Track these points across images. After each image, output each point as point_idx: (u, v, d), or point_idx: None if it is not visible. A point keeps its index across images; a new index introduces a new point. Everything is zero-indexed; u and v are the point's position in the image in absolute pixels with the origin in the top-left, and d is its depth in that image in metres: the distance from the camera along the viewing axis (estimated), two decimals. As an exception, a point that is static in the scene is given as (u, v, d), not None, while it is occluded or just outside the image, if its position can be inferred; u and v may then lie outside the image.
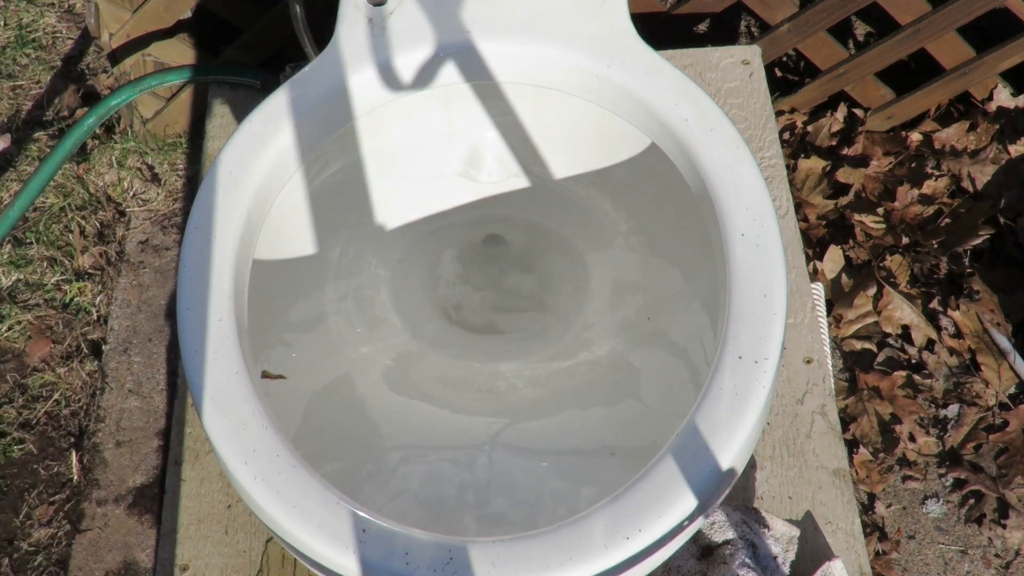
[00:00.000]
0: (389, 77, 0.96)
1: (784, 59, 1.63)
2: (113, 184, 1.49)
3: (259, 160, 0.90)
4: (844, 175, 1.48)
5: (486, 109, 1.06)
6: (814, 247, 1.43)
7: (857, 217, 1.44)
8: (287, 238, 1.04)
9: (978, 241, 1.39)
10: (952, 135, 1.50)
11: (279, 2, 1.40)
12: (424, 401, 1.10)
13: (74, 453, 1.27)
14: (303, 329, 1.09)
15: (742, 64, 1.40)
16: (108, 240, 1.45)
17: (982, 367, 1.34)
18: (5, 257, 1.44)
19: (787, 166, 1.40)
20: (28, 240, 1.45)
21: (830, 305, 1.39)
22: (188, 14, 1.42)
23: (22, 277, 1.42)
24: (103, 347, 1.32)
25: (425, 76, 0.97)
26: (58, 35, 1.69)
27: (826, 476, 1.08)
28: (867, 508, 1.26)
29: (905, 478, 1.28)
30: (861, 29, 1.65)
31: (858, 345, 1.37)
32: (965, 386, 1.34)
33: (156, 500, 1.18)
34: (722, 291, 0.82)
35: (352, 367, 1.10)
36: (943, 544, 1.24)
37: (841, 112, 1.53)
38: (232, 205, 0.87)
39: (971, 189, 1.46)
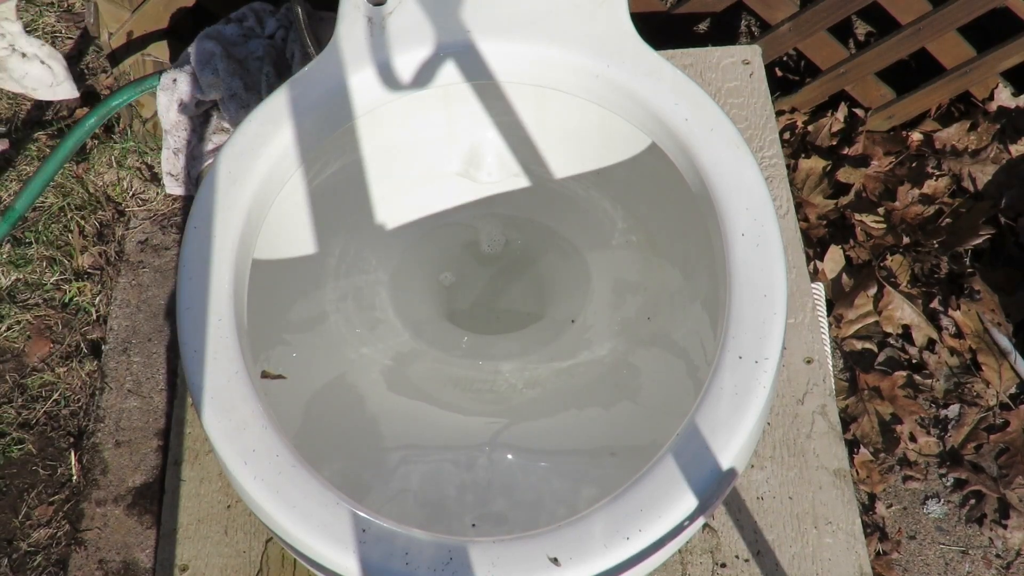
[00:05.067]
0: (389, 77, 0.96)
1: (784, 59, 1.62)
2: (113, 184, 1.49)
3: (259, 160, 0.90)
4: (844, 175, 1.48)
5: (486, 109, 1.06)
6: (814, 247, 1.43)
7: (858, 217, 1.43)
8: (287, 238, 1.04)
9: (979, 241, 1.39)
10: (953, 135, 1.50)
11: (280, 2, 1.40)
12: (424, 401, 1.10)
13: (73, 453, 1.27)
14: (303, 329, 1.09)
15: (742, 64, 1.40)
16: (107, 240, 1.45)
17: (983, 367, 1.34)
18: (4, 257, 1.43)
19: (787, 166, 1.40)
20: (27, 240, 1.45)
21: (830, 305, 1.39)
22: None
23: (21, 277, 1.42)
24: (103, 347, 1.32)
25: (425, 76, 0.97)
26: (57, 35, 1.69)
27: (826, 476, 1.08)
28: (868, 508, 1.26)
29: (906, 478, 1.28)
30: (861, 29, 1.65)
31: (858, 345, 1.37)
32: (966, 386, 1.34)
33: (156, 500, 1.17)
34: (722, 291, 0.82)
35: (352, 367, 1.10)
36: (944, 544, 1.24)
37: (841, 112, 1.53)
38: (232, 205, 0.87)
39: (972, 189, 1.46)
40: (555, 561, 0.69)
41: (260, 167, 0.90)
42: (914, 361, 1.36)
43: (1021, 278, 1.40)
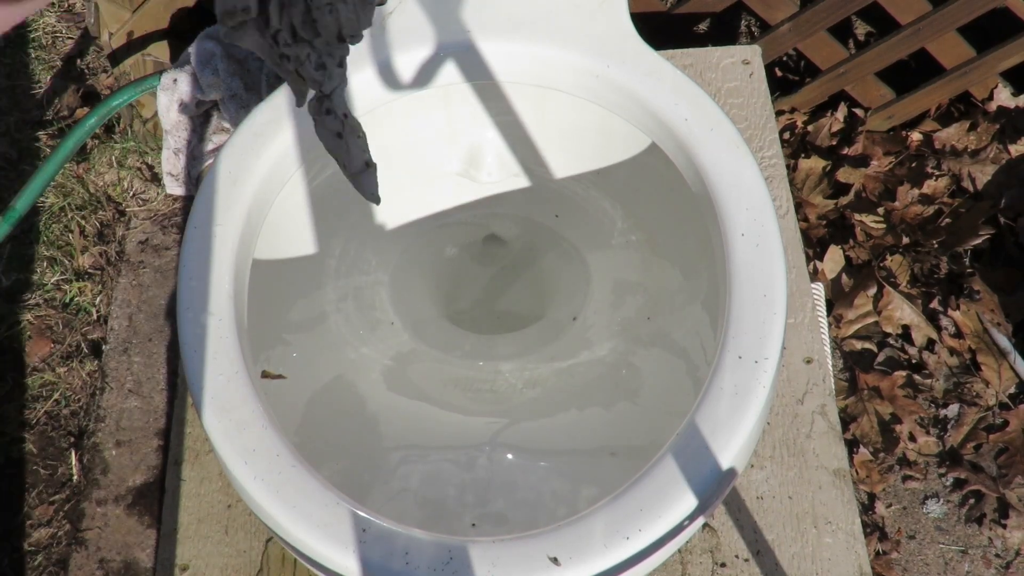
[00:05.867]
0: (389, 76, 0.96)
1: (784, 59, 1.62)
2: (113, 184, 1.49)
3: (259, 159, 0.90)
4: (844, 175, 1.48)
5: (486, 109, 1.06)
6: (814, 247, 1.43)
7: (857, 217, 1.43)
8: (287, 238, 1.04)
9: (978, 241, 1.39)
10: (952, 135, 1.50)
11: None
12: (424, 401, 1.10)
13: (74, 453, 1.27)
14: (303, 329, 1.09)
15: (742, 64, 1.40)
16: (108, 240, 1.45)
17: (982, 367, 1.34)
18: (5, 257, 1.43)
19: (787, 166, 1.40)
20: (28, 240, 1.45)
21: (830, 305, 1.39)
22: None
23: (22, 277, 1.42)
24: (103, 347, 1.32)
25: (425, 76, 0.97)
26: (58, 35, 1.69)
27: (826, 476, 1.08)
28: (867, 508, 1.26)
29: (905, 478, 1.28)
30: (861, 29, 1.65)
31: (858, 345, 1.37)
32: (965, 386, 1.34)
33: (156, 500, 1.18)
34: (722, 291, 0.82)
35: (352, 367, 1.10)
36: (943, 544, 1.24)
37: (841, 112, 1.53)
38: (232, 204, 0.87)
39: (971, 189, 1.46)
40: (555, 561, 0.69)
41: (260, 167, 0.90)
42: (914, 361, 1.36)
43: (1021, 278, 1.40)
